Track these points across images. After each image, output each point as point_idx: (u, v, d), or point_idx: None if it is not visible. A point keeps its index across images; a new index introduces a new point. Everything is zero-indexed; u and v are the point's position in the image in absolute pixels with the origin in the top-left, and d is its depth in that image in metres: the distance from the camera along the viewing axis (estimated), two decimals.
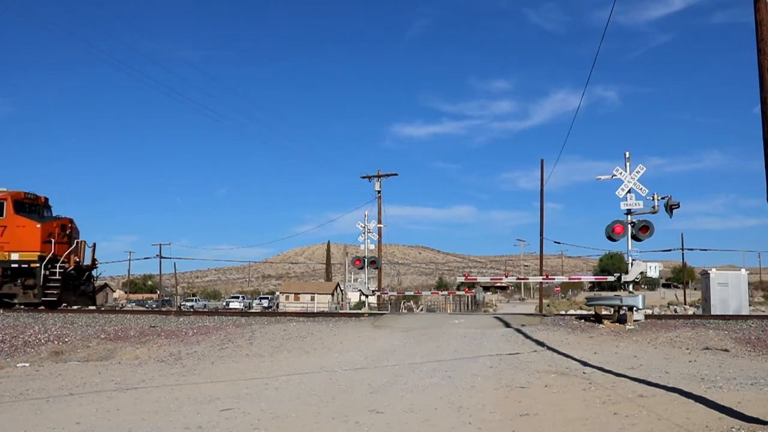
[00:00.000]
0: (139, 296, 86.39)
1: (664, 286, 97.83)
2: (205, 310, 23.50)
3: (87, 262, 23.95)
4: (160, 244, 71.19)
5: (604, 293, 48.22)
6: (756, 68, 7.59)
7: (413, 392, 8.21)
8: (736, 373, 9.39)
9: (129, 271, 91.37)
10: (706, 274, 27.11)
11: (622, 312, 16.72)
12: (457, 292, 52.79)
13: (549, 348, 12.44)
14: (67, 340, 14.31)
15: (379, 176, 37.03)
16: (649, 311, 25.91)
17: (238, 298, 78.49)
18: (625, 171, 17.65)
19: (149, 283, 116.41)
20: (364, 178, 37.98)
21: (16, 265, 21.96)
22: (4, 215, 22.00)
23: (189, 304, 69.69)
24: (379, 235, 35.74)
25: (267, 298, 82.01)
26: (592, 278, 19.34)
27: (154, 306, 55.59)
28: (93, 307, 23.12)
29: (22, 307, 22.15)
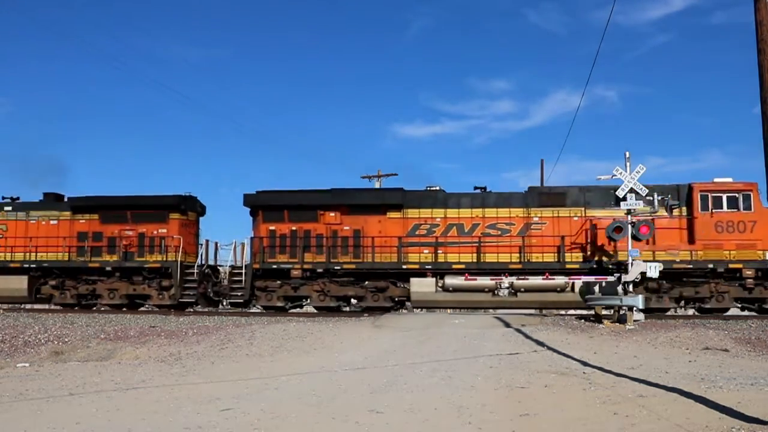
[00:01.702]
0: None
1: None
2: (205, 310, 23.40)
3: None
4: None
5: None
6: (756, 68, 7.60)
7: (413, 392, 8.21)
8: (736, 373, 9.39)
9: None
10: None
11: (622, 312, 16.72)
12: None
13: (549, 348, 12.44)
14: (67, 340, 14.31)
15: (379, 176, 36.96)
16: None
17: None
18: (625, 171, 17.68)
19: None
20: (364, 178, 37.89)
21: None
22: (752, 209, 19.36)
23: None
24: None
25: None
26: (592, 278, 19.26)
27: None
28: (92, 305, 23.04)
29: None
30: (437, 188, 21.53)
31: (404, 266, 20.44)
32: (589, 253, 20.08)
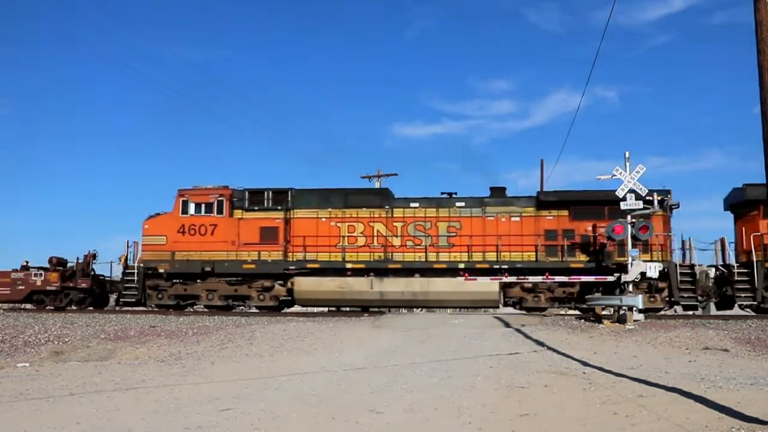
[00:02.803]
0: None
1: None
2: (205, 310, 23.38)
3: None
4: None
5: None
6: (756, 68, 7.61)
7: (413, 392, 8.21)
8: (736, 373, 9.40)
9: None
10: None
11: (622, 312, 16.73)
12: None
13: (549, 348, 12.44)
14: (67, 340, 14.31)
15: (379, 176, 36.95)
16: None
17: None
18: (625, 171, 17.69)
19: None
20: (364, 178, 37.87)
21: None
22: None
23: None
24: None
25: None
26: (591, 278, 19.27)
27: None
28: (91, 308, 23.02)
29: None
30: None
31: None
32: None
